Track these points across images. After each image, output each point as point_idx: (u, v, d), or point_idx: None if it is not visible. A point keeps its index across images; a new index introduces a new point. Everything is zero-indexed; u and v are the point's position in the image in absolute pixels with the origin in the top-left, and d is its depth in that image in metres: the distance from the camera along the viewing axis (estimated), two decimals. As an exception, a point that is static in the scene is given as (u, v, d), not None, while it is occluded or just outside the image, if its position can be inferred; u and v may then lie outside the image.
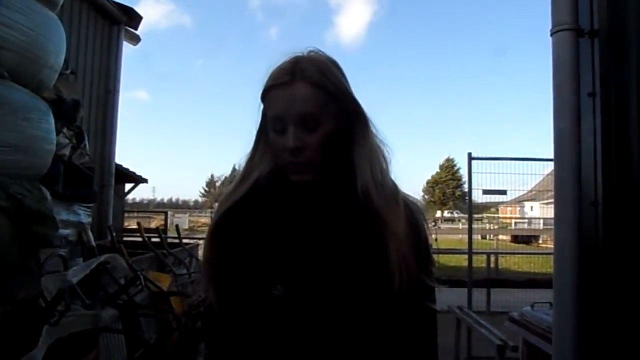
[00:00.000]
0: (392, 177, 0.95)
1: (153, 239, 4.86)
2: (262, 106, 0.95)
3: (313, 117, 0.87)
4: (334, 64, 0.94)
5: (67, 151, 3.11)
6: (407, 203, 0.92)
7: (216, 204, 1.01)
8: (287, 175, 0.92)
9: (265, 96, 0.92)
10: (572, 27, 1.53)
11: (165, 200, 59.43)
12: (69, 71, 3.49)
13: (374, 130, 0.95)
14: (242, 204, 0.94)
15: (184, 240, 5.42)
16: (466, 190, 6.69)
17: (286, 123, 0.88)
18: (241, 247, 0.92)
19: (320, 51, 0.95)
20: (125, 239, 5.63)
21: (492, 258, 8.44)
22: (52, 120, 2.15)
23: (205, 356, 1.02)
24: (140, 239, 4.66)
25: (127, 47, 6.33)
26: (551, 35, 1.57)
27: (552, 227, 1.61)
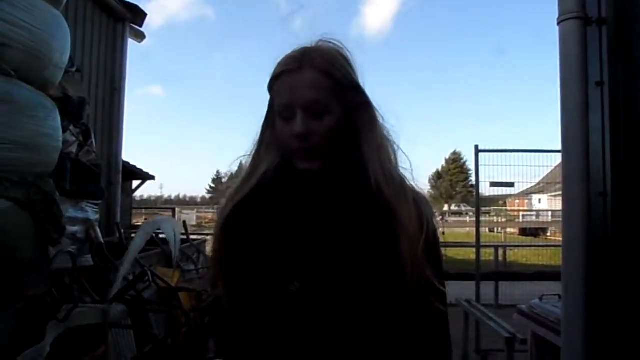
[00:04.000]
0: (400, 169, 0.94)
1: (161, 236, 4.89)
2: (268, 97, 0.95)
3: (320, 104, 0.88)
4: (342, 54, 0.94)
5: (74, 149, 3.13)
6: (415, 196, 0.92)
7: (222, 200, 1.00)
8: (294, 167, 0.91)
9: (273, 85, 0.92)
10: (579, 15, 1.50)
11: (172, 197, 59.83)
12: (74, 69, 3.51)
13: (381, 122, 0.94)
14: (251, 198, 0.93)
15: (192, 236, 5.45)
16: (473, 183, 6.66)
17: (294, 109, 0.88)
18: (253, 243, 0.91)
19: (330, 41, 0.94)
20: (133, 235, 5.66)
21: (500, 251, 8.40)
22: (58, 118, 2.16)
23: (216, 353, 1.02)
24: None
25: (137, 44, 6.39)
26: (558, 24, 1.55)
27: (560, 219, 1.59)
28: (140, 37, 6.38)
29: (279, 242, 0.89)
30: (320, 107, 0.88)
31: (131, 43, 6.20)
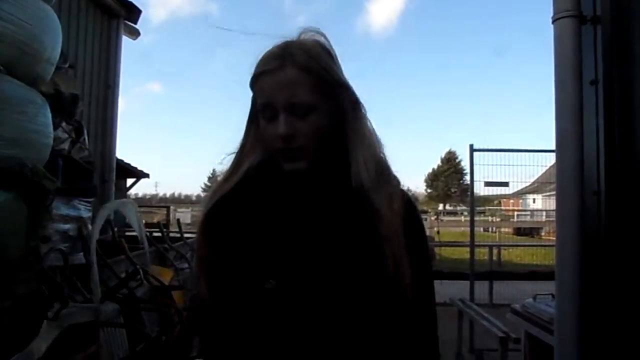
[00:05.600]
0: (388, 162, 0.93)
1: (155, 234, 4.87)
2: (252, 94, 0.93)
3: (303, 103, 0.85)
4: (325, 48, 0.92)
5: (66, 145, 3.10)
6: (400, 194, 0.90)
7: (205, 196, 0.99)
8: (279, 165, 0.89)
9: (254, 83, 0.90)
10: (574, 13, 1.49)
11: (167, 195, 59.57)
12: (67, 65, 3.47)
13: (367, 116, 0.93)
14: (233, 195, 0.91)
15: (187, 235, 5.43)
16: (468, 182, 6.66)
17: (276, 110, 0.86)
18: (233, 240, 0.90)
19: (315, 32, 0.92)
20: (127, 233, 5.63)
21: (495, 250, 8.44)
22: (49, 114, 2.14)
23: (199, 351, 1.01)
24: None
25: (136, 41, 6.37)
26: (552, 22, 1.54)
27: (554, 219, 1.59)
28: (134, 34, 6.34)
29: (257, 240, 0.88)
30: (303, 106, 0.85)
31: (130, 40, 6.19)
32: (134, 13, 6.06)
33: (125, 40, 6.15)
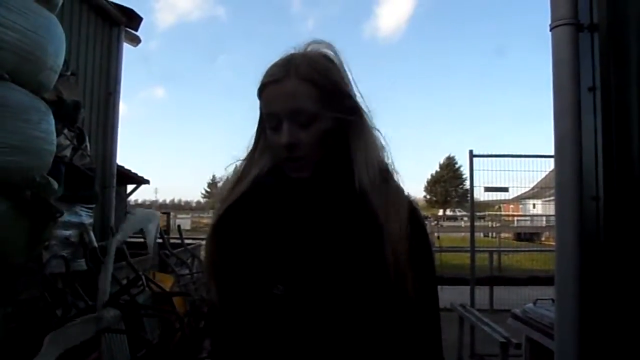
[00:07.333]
0: (391, 168, 0.94)
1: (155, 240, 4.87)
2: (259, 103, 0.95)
3: (305, 113, 0.87)
4: (329, 59, 0.93)
5: (68, 152, 3.12)
6: (402, 200, 0.92)
7: (216, 202, 1.01)
8: (286, 172, 0.91)
9: (261, 93, 0.92)
10: (571, 21, 1.51)
11: (167, 201, 59.47)
12: (69, 73, 3.50)
13: (370, 123, 0.94)
14: (243, 202, 0.93)
15: (187, 241, 5.43)
16: (468, 188, 6.67)
17: (280, 119, 0.88)
18: (242, 246, 0.91)
19: (322, 44, 0.94)
20: (127, 240, 5.63)
21: (495, 256, 8.43)
22: (52, 121, 2.15)
23: (209, 353, 1.02)
24: (142, 240, 4.66)
25: (141, 46, 6.41)
26: (550, 30, 1.56)
27: (554, 224, 1.60)
28: (135, 41, 6.38)
29: (266, 245, 0.89)
30: (306, 116, 0.87)
31: (131, 47, 6.23)
32: (135, 20, 6.10)
33: (132, 46, 6.20)
